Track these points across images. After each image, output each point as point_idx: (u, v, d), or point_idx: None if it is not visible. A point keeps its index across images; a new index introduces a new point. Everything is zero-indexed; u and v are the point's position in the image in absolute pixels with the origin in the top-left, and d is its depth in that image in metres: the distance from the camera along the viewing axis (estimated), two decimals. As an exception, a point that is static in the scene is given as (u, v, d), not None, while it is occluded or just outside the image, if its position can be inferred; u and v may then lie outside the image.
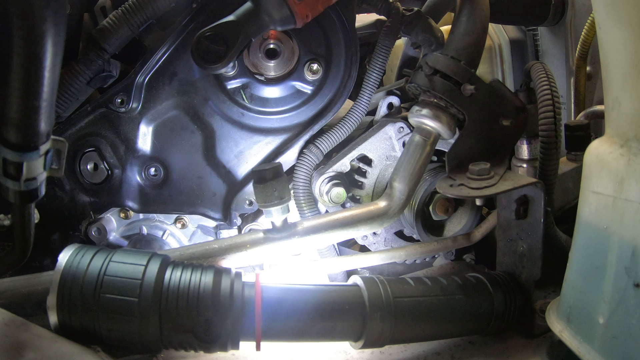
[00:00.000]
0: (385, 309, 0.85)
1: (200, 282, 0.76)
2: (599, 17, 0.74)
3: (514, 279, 0.99)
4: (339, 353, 0.96)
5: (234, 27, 0.95)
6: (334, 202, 1.17)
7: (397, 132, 1.19)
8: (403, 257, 1.16)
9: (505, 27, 1.72)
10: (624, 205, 0.69)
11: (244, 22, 0.96)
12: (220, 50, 0.95)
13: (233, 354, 0.93)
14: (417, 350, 0.96)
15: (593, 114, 1.39)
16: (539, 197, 0.93)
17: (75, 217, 1.15)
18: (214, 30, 0.95)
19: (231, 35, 0.95)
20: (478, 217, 1.23)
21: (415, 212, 1.16)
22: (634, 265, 0.68)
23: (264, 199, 0.91)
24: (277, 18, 0.97)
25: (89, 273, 0.72)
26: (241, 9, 0.97)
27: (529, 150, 1.16)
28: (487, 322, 0.94)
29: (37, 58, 0.64)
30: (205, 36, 0.94)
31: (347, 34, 1.15)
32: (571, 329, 0.81)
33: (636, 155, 0.69)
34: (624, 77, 0.71)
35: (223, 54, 0.95)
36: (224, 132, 1.18)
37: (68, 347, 0.68)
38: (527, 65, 1.16)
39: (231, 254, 0.94)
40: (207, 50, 0.94)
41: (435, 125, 1.02)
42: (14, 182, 0.74)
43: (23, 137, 0.71)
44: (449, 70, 1.00)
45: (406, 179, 1.02)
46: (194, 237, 1.23)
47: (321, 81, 1.17)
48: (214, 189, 1.19)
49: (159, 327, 0.72)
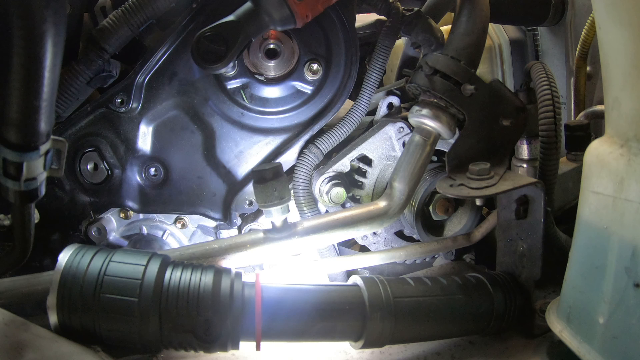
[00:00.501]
0: (385, 309, 0.85)
1: (200, 282, 0.76)
2: (599, 17, 0.74)
3: (514, 279, 0.99)
4: (339, 353, 0.96)
5: (234, 27, 0.95)
6: (334, 202, 1.17)
7: (397, 132, 1.19)
8: (403, 257, 1.16)
9: (505, 27, 1.72)
10: (624, 205, 0.69)
11: (244, 22, 0.96)
12: (220, 50, 0.95)
13: (233, 354, 0.93)
14: (417, 350, 0.96)
15: (593, 114, 1.39)
16: (539, 197, 0.93)
17: (75, 217, 1.15)
18: (214, 30, 0.95)
19: (231, 35, 0.95)
20: (478, 217, 1.23)
21: (415, 212, 1.16)
22: (634, 265, 0.68)
23: (264, 199, 0.91)
24: (277, 18, 0.97)
25: (89, 273, 0.72)
26: (241, 9, 0.97)
27: (529, 150, 1.16)
28: (487, 322, 0.94)
29: (37, 58, 0.64)
30: (205, 36, 0.94)
31: (347, 34, 1.15)
32: (571, 329, 0.81)
33: (636, 155, 0.69)
34: (624, 77, 0.71)
35: (223, 54, 0.95)
36: (224, 132, 1.18)
37: (68, 347, 0.68)
38: (527, 65, 1.16)
39: (231, 254, 0.94)
40: (207, 50, 0.94)
41: (435, 125, 1.02)
42: (14, 182, 0.74)
43: (23, 137, 0.71)
44: (449, 70, 1.00)
45: (406, 179, 1.02)
46: (194, 237, 1.23)
47: (321, 81, 1.17)
48: (214, 189, 1.19)
49: (159, 327, 0.72)
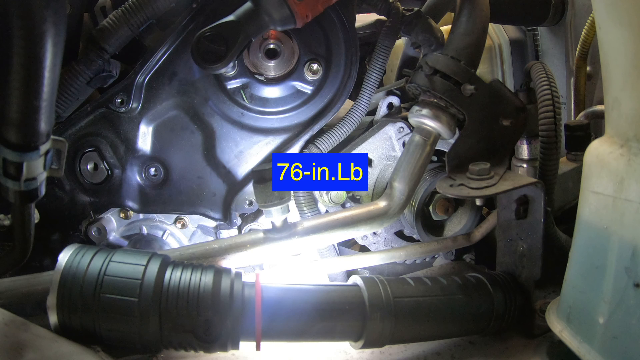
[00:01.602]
0: (385, 309, 0.85)
1: (200, 282, 0.76)
2: (599, 17, 0.74)
3: (514, 279, 0.99)
4: (339, 353, 0.96)
5: (234, 27, 0.95)
6: (334, 202, 1.17)
7: (397, 132, 1.19)
8: (403, 257, 1.16)
9: (505, 27, 1.72)
10: (624, 205, 0.69)
11: (244, 22, 0.96)
12: (220, 50, 0.95)
13: (233, 354, 0.93)
14: (417, 350, 0.96)
15: (593, 114, 1.39)
16: (539, 197, 0.93)
17: (75, 217, 1.15)
18: (214, 30, 0.95)
19: (231, 36, 0.95)
20: (478, 217, 1.23)
21: (415, 212, 1.16)
22: (634, 265, 0.68)
23: (264, 199, 0.91)
24: (277, 18, 0.97)
25: (89, 273, 0.72)
26: (241, 9, 0.97)
27: (529, 150, 1.16)
28: (487, 322, 0.94)
29: (37, 58, 0.64)
30: (205, 36, 0.94)
31: (347, 34, 1.15)
32: (571, 329, 0.81)
33: (636, 155, 0.69)
34: (624, 77, 0.71)
35: (223, 54, 0.95)
36: (224, 132, 1.18)
37: (68, 347, 0.68)
38: (527, 65, 1.16)
39: (231, 254, 0.94)
40: (207, 50, 0.94)
41: (435, 125, 1.02)
42: (14, 182, 0.74)
43: (23, 137, 0.71)
44: (449, 70, 1.00)
45: (406, 179, 1.02)
46: (194, 237, 1.23)
47: (321, 81, 1.17)
48: (214, 189, 1.19)
49: (159, 327, 0.72)
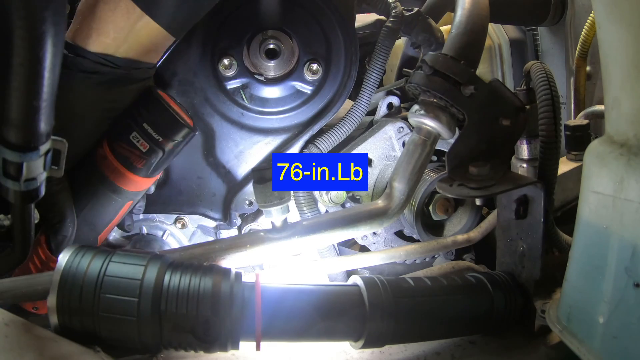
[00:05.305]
0: (385, 309, 0.85)
1: (200, 282, 0.76)
2: (599, 16, 0.74)
3: (514, 279, 0.99)
4: (339, 353, 0.96)
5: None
6: (334, 202, 1.17)
7: (397, 132, 1.19)
8: (403, 257, 1.16)
9: (505, 27, 1.72)
10: (623, 205, 0.69)
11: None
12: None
13: (233, 354, 0.93)
14: (417, 350, 0.96)
15: (593, 114, 1.39)
16: (539, 197, 0.93)
17: (75, 217, 1.15)
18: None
19: None
20: (478, 217, 1.23)
21: (415, 212, 1.16)
22: (634, 265, 0.68)
23: (264, 199, 0.91)
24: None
25: (89, 273, 0.72)
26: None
27: (529, 150, 1.16)
28: (487, 322, 0.94)
29: (37, 58, 0.65)
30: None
31: (347, 34, 1.15)
32: (571, 329, 0.81)
33: (636, 155, 0.69)
34: (624, 77, 0.71)
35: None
36: (224, 132, 1.18)
37: (68, 348, 0.68)
38: (527, 65, 1.16)
39: (231, 254, 0.94)
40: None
41: (435, 125, 1.02)
42: (14, 183, 0.74)
43: (23, 137, 0.71)
44: (449, 70, 1.00)
45: (406, 179, 1.02)
46: (194, 237, 1.24)
47: (321, 81, 1.17)
48: (213, 189, 1.19)
49: (159, 327, 0.72)
